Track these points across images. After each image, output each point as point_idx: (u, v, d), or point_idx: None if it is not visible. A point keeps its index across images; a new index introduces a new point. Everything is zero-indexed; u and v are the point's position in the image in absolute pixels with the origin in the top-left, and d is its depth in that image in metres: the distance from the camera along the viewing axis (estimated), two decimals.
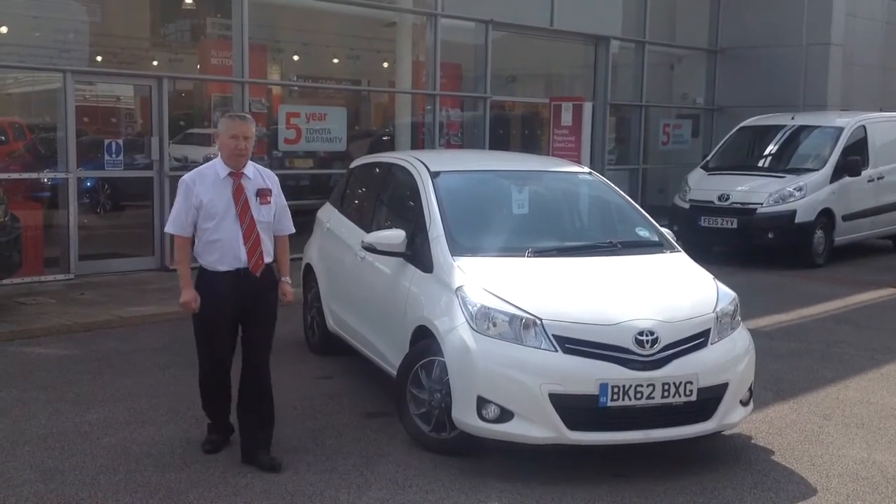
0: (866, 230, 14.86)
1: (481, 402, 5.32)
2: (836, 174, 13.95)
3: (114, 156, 11.57)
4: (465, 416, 5.40)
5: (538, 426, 5.25)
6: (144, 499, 5.01)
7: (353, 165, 8.41)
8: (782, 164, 14.49)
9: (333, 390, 7.06)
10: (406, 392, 5.83)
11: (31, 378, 7.24)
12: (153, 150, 11.76)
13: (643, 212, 6.91)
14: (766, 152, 14.93)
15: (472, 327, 5.45)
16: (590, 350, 5.28)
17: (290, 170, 14.03)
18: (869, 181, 14.57)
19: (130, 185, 13.03)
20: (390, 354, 6.38)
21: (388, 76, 17.67)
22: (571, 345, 5.29)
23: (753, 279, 12.19)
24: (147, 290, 10.69)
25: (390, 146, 15.22)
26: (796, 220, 13.39)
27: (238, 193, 5.39)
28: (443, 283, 5.82)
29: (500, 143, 16.33)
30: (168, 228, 5.49)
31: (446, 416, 5.63)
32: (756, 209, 13.45)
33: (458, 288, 5.65)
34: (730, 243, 13.84)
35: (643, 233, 6.62)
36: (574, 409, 5.24)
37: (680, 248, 6.50)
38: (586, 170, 7.35)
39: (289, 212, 5.73)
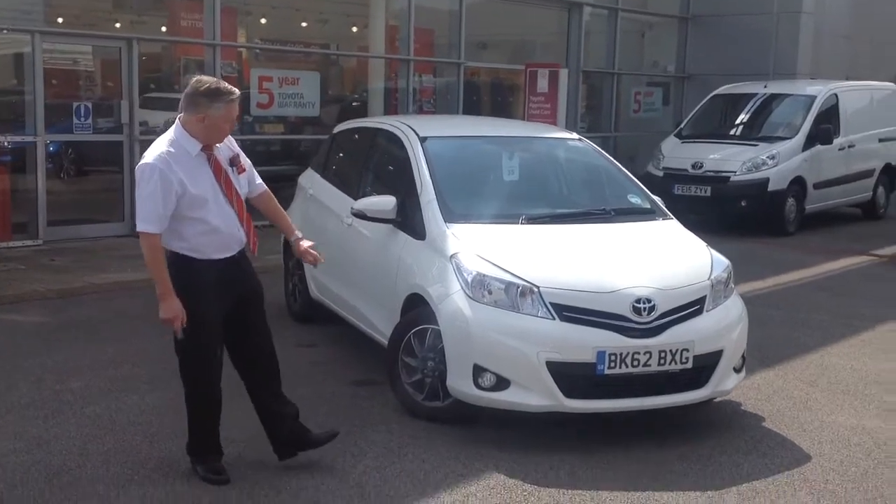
0: (836, 198, 14.95)
1: (477, 371, 5.27)
2: (809, 142, 14.00)
3: (83, 119, 11.31)
4: (460, 384, 5.35)
5: (535, 394, 5.21)
6: (135, 468, 4.91)
7: (336, 130, 8.26)
8: (755, 132, 14.53)
9: (319, 358, 6.98)
10: (398, 360, 5.77)
11: (8, 346, 7.08)
12: (123, 114, 11.53)
13: (634, 178, 6.87)
14: (740, 120, 14.95)
15: (467, 295, 5.38)
16: (587, 318, 5.24)
17: (260, 135, 13.84)
18: (840, 150, 14.65)
19: (96, 149, 12.73)
20: (379, 322, 6.30)
21: (357, 41, 17.45)
22: (569, 312, 5.24)
23: (727, 247, 12.00)
24: (118, 256, 10.49)
25: (362, 112, 15.04)
26: (769, 189, 13.43)
27: (218, 171, 4.61)
28: (436, 250, 5.73)
29: (472, 109, 16.20)
30: (145, 227, 4.44)
31: (440, 384, 5.57)
32: (729, 177, 13.48)
33: (453, 255, 5.57)
34: (703, 211, 13.83)
35: (635, 199, 6.57)
36: (571, 376, 5.21)
37: (672, 216, 6.46)
38: (575, 136, 7.28)
39: None
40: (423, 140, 6.49)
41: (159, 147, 4.53)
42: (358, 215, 6.24)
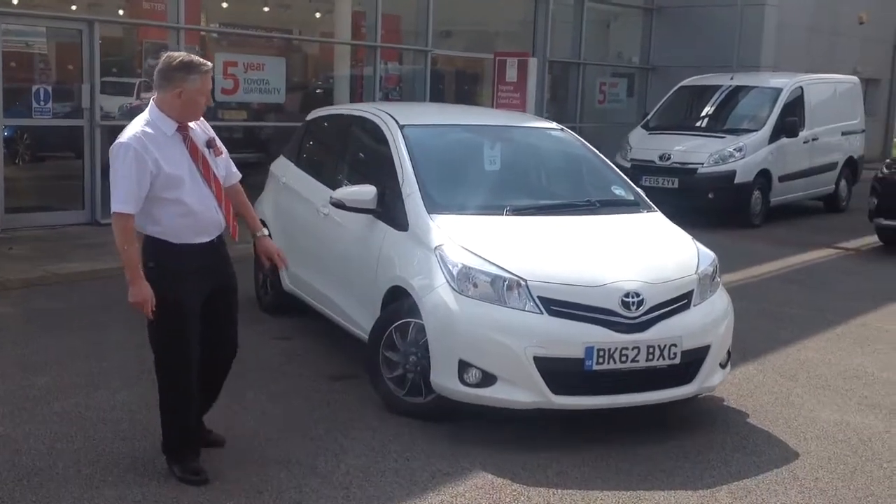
0: (800, 191, 15.04)
1: (463, 366, 5.13)
2: (774, 135, 14.05)
3: (42, 103, 10.98)
4: (444, 380, 5.21)
5: (522, 390, 5.09)
6: (108, 469, 4.71)
7: (310, 117, 8.05)
8: (722, 124, 14.55)
9: (293, 351, 6.80)
10: (379, 355, 5.61)
11: None
12: (83, 98, 11.21)
13: (617, 169, 6.77)
14: (706, 112, 14.95)
15: (452, 288, 5.24)
16: (576, 312, 5.13)
17: (223, 121, 13.56)
18: (804, 142, 14.72)
19: (55, 134, 12.38)
20: (358, 316, 6.14)
21: (319, 27, 17.22)
22: (557, 307, 5.12)
23: (696, 239, 12.18)
24: (79, 245, 10.22)
25: (327, 99, 14.82)
26: (736, 181, 13.46)
27: (194, 151, 4.48)
28: (419, 241, 5.58)
29: (437, 97, 16.05)
30: (121, 208, 4.27)
31: (422, 379, 5.43)
32: (697, 169, 13.47)
33: (437, 247, 5.43)
34: (671, 203, 13.72)
35: (619, 191, 6.47)
36: (559, 372, 5.09)
37: (656, 208, 6.37)
38: (556, 125, 7.16)
39: None
40: (403, 128, 6.33)
41: (134, 127, 4.42)
42: (337, 205, 6.06)
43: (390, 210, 5.90)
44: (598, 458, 5.07)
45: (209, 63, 4.57)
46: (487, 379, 5.12)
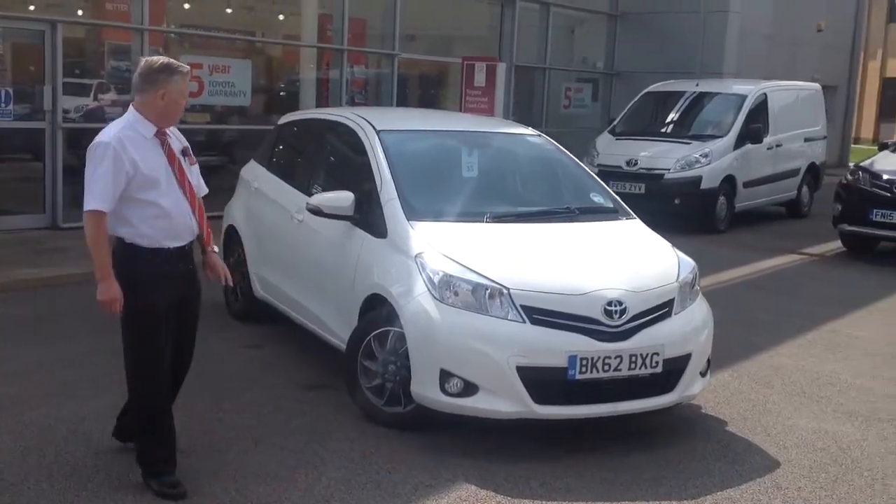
0: (764, 197, 15.15)
1: (444, 376, 5.06)
2: (739, 141, 14.13)
3: (3, 105, 10.74)
4: (425, 389, 5.13)
5: (504, 400, 5.02)
6: (82, 483, 4.58)
7: (281, 122, 7.94)
8: (688, 130, 14.60)
9: (266, 360, 6.69)
10: (357, 364, 5.52)
11: None
12: (45, 100, 10.99)
13: (595, 176, 6.74)
14: (672, 118, 15.01)
15: (433, 296, 5.16)
16: (558, 321, 5.07)
17: (186, 124, 13.34)
18: (768, 149, 14.83)
19: (14, 136, 12.08)
20: (334, 324, 6.04)
21: (282, 29, 17.05)
22: (540, 315, 5.06)
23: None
24: (40, 250, 10.02)
25: (293, 102, 14.68)
26: (702, 186, 13.51)
27: (172, 157, 4.49)
28: (399, 249, 5.50)
29: (401, 101, 15.95)
30: (95, 205, 4.26)
31: (402, 389, 5.35)
32: (664, 175, 13.51)
33: (418, 255, 5.35)
34: (638, 208, 13.78)
35: (597, 198, 6.44)
36: (542, 382, 5.03)
37: (634, 215, 6.35)
38: (535, 132, 7.11)
39: None
40: (380, 133, 6.24)
41: (114, 128, 4.44)
42: (314, 211, 5.95)
43: (368, 217, 5.81)
44: (581, 467, 5.03)
45: (187, 66, 4.62)
46: (469, 389, 5.05)
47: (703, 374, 5.64)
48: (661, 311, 5.34)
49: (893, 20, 43.52)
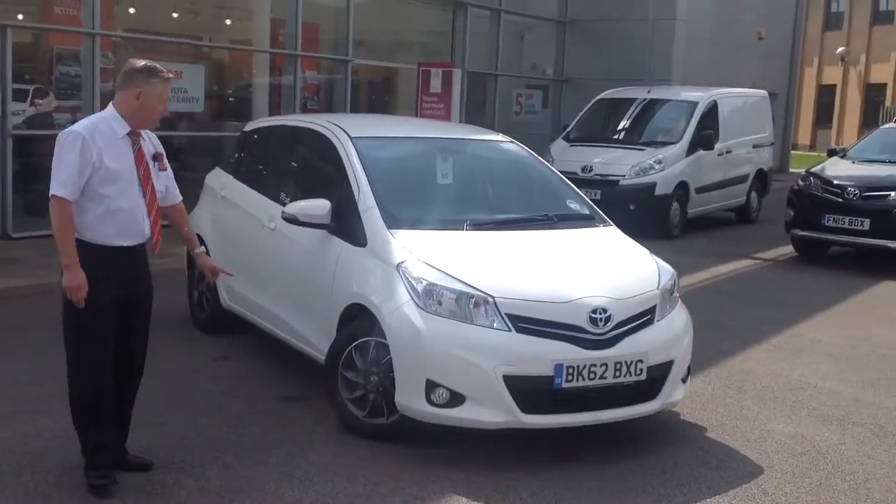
0: (715, 202, 15.33)
1: (430, 386, 4.99)
2: (692, 147, 14.28)
3: None
4: (410, 400, 5.06)
5: (491, 410, 4.97)
6: (63, 501, 4.43)
7: (248, 129, 7.80)
8: (641, 136, 14.73)
9: (238, 372, 6.55)
10: (338, 375, 5.43)
11: None
12: None
13: (570, 183, 6.73)
14: (626, 125, 15.12)
15: (417, 305, 5.09)
16: (544, 329, 5.04)
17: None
18: (719, 155, 15.01)
19: None
20: (310, 334, 5.94)
21: (230, 34, 16.85)
22: (525, 324, 5.03)
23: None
24: None
25: (245, 108, 14.51)
26: (656, 192, 13.63)
27: (140, 158, 4.54)
28: (380, 258, 5.42)
29: (352, 107, 15.82)
30: (58, 191, 4.32)
31: (384, 400, 5.28)
32: (618, 181, 13.58)
33: (400, 264, 5.28)
34: None
35: (574, 205, 6.43)
36: (528, 391, 4.99)
37: (611, 222, 6.35)
38: (507, 138, 7.08)
39: None
40: (354, 140, 6.16)
41: (89, 119, 4.59)
42: (289, 220, 5.83)
43: (346, 225, 5.72)
44: (567, 477, 4.99)
45: (169, 73, 4.70)
46: (455, 399, 4.99)
47: (683, 381, 5.65)
48: (644, 318, 5.34)
49: (829, 28, 44.53)
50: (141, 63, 4.58)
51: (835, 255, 12.82)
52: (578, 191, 6.64)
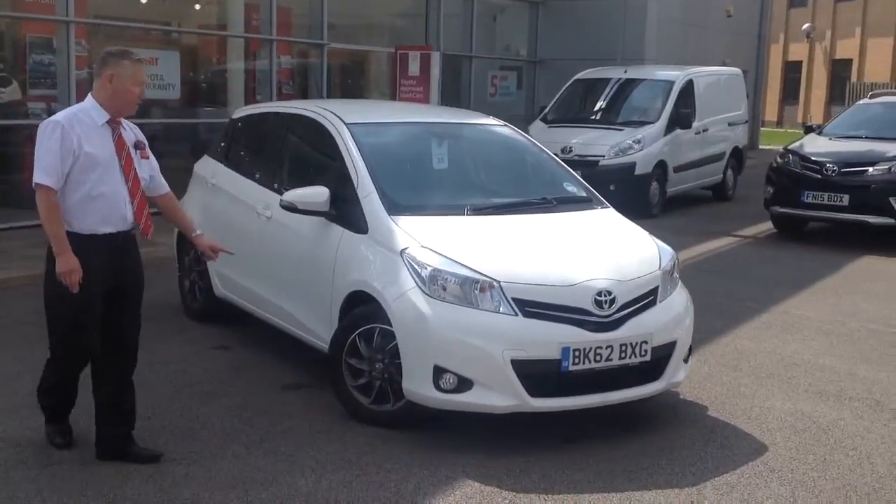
0: (692, 181, 15.42)
1: (438, 372, 4.99)
2: (670, 126, 14.34)
3: None
4: (418, 386, 5.06)
5: (499, 394, 4.98)
6: (73, 497, 4.39)
7: (236, 116, 7.72)
8: (619, 116, 14.76)
9: (237, 362, 6.51)
10: (342, 363, 5.41)
11: None
12: None
13: (565, 166, 6.73)
14: (604, 105, 15.14)
15: (423, 292, 5.08)
16: (550, 313, 5.05)
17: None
18: (696, 133, 15.09)
19: None
20: (310, 322, 5.92)
21: (207, 19, 16.66)
22: (531, 308, 5.03)
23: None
24: None
25: (220, 94, 14.37)
26: (636, 172, 13.67)
27: (121, 145, 4.61)
28: (382, 244, 5.40)
29: (317, 92, 15.64)
30: (42, 179, 4.41)
31: (389, 386, 5.27)
32: (598, 161, 13.60)
33: (404, 250, 5.26)
34: None
35: (571, 188, 6.43)
36: (536, 374, 5.00)
37: (608, 204, 6.36)
38: (501, 122, 7.07)
39: None
40: (350, 127, 6.12)
41: (69, 109, 4.68)
42: (288, 208, 5.79)
43: (345, 212, 5.69)
44: (577, 458, 5.02)
45: (141, 56, 4.82)
46: (463, 384, 4.99)
47: (685, 361, 5.68)
48: (647, 299, 5.37)
49: (794, 5, 44.83)
50: (112, 48, 4.69)
51: (813, 230, 12.95)
52: (574, 173, 6.64)
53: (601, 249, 5.62)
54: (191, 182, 7.65)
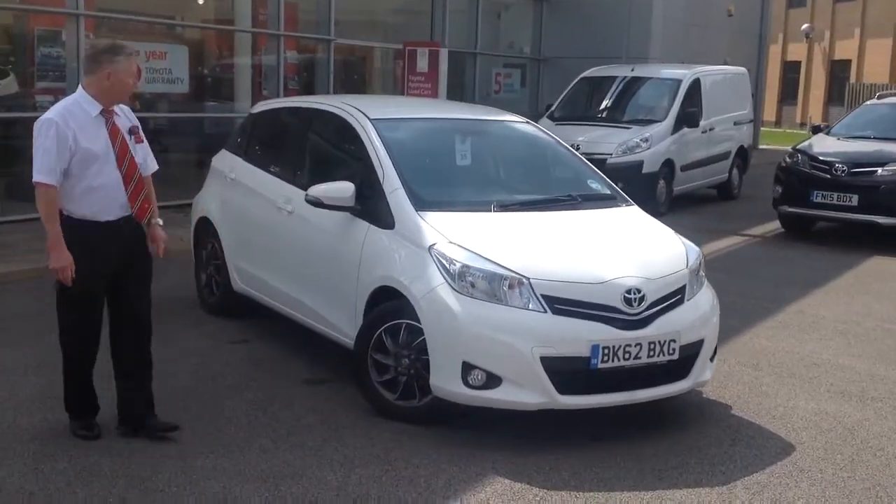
0: (699, 180, 15.39)
1: (466, 368, 4.96)
2: (677, 125, 14.30)
3: None
4: (447, 383, 5.03)
5: (528, 391, 4.96)
6: (105, 489, 4.36)
7: (255, 111, 7.69)
8: (626, 114, 14.72)
9: (257, 356, 6.48)
10: (367, 358, 5.39)
11: None
12: None
13: (589, 163, 6.71)
14: (611, 103, 15.10)
15: (452, 288, 5.06)
16: (580, 310, 5.02)
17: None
18: (703, 132, 15.05)
19: None
20: (333, 317, 5.89)
21: (214, 14, 16.58)
22: (561, 305, 5.01)
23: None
24: None
25: (228, 89, 14.32)
26: (643, 170, 13.64)
27: (114, 134, 4.75)
28: (409, 240, 5.37)
29: (323, 87, 15.61)
30: (41, 178, 4.56)
31: (416, 382, 5.25)
32: (606, 159, 13.53)
33: (432, 246, 5.23)
34: None
35: (595, 185, 6.41)
36: (565, 371, 4.98)
37: (632, 202, 6.34)
38: (523, 119, 7.04)
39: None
40: (374, 122, 6.09)
41: (61, 104, 4.76)
42: (313, 203, 5.75)
43: (370, 207, 5.66)
44: (605, 457, 5.00)
45: (133, 46, 4.95)
46: (492, 380, 4.97)
47: (711, 360, 5.66)
48: (675, 297, 5.35)
49: (793, 5, 44.85)
50: (102, 44, 4.79)
51: (821, 230, 12.95)
52: (597, 170, 6.61)
53: (629, 247, 5.60)
54: (208, 176, 7.62)
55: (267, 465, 4.70)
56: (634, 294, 5.11)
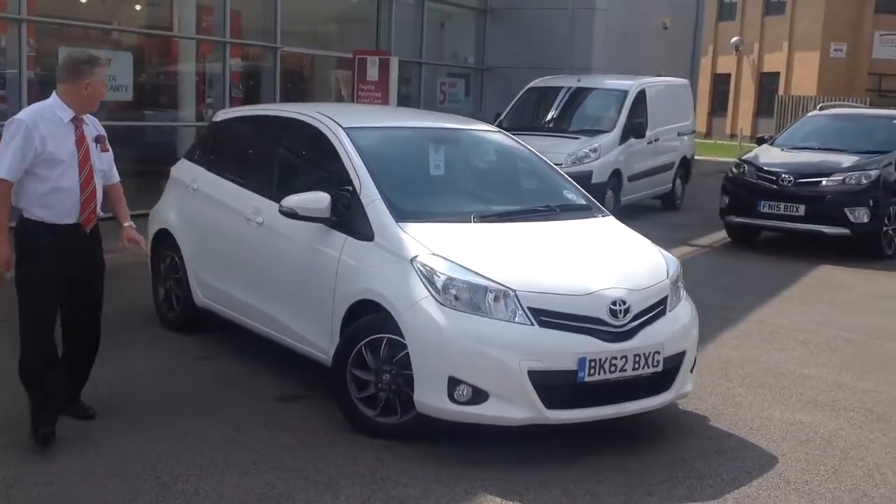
0: (645, 190, 15.52)
1: (452, 383, 4.86)
2: (624, 136, 14.40)
3: None
4: (431, 398, 4.92)
5: (515, 406, 4.87)
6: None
7: (218, 119, 7.48)
8: (574, 124, 14.80)
9: (223, 373, 6.29)
10: (346, 374, 5.24)
11: None
12: None
13: (562, 173, 6.66)
14: (558, 113, 15.16)
15: (437, 300, 4.95)
16: (566, 323, 4.95)
17: None
18: (649, 143, 15.18)
19: None
20: (308, 332, 5.72)
21: (150, 19, 16.26)
22: (547, 317, 4.93)
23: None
24: None
25: (171, 96, 14.03)
26: (593, 181, 13.65)
27: (81, 141, 4.90)
28: (391, 252, 5.25)
29: (269, 95, 15.39)
30: (2, 174, 4.72)
31: (397, 398, 5.12)
32: None
33: (414, 258, 5.11)
34: None
35: (570, 195, 6.36)
36: (552, 385, 4.90)
37: (608, 212, 6.30)
38: (494, 128, 6.97)
39: None
40: (348, 131, 5.95)
41: (34, 107, 4.97)
42: (288, 214, 5.58)
43: (348, 218, 5.51)
44: (593, 472, 4.93)
45: (106, 57, 5.38)
46: (479, 395, 4.87)
47: (691, 372, 5.64)
48: (657, 309, 5.32)
49: (723, 18, 45.68)
50: (82, 55, 4.98)
51: (767, 239, 13.13)
52: (571, 180, 6.57)
53: (611, 258, 5.56)
54: (167, 186, 7.39)
55: (249, 488, 4.53)
56: (620, 305, 5.06)
